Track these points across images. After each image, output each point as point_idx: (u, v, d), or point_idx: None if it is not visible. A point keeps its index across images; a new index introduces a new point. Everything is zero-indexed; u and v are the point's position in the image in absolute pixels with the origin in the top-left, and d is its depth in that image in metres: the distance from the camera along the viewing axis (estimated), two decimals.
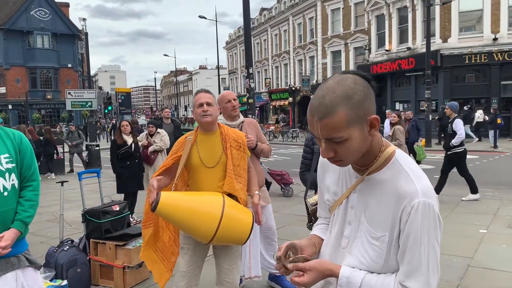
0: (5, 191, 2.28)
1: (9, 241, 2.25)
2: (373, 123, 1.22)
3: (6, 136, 2.40)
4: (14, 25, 37.15)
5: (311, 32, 35.08)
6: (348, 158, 1.25)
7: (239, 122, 3.91)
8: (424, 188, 1.21)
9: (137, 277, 4.38)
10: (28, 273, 2.41)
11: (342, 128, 1.17)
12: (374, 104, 1.23)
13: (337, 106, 1.16)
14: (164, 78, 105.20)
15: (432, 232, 1.20)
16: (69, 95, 19.76)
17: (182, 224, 2.68)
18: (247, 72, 12.24)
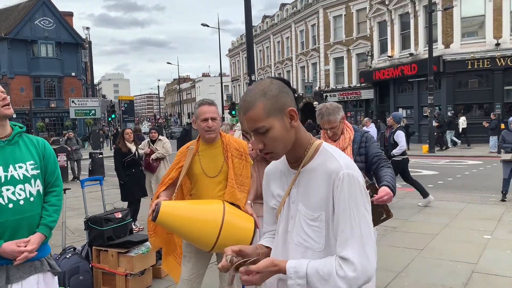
0: (31, 197, 2.39)
1: (35, 245, 2.35)
2: (291, 114, 1.40)
3: (30, 143, 2.50)
4: (18, 35, 37.45)
5: (313, 39, 35.18)
6: (277, 149, 1.41)
7: None
8: (347, 163, 1.38)
9: (139, 284, 4.37)
10: (47, 277, 2.50)
11: (262, 118, 1.37)
12: (292, 100, 1.42)
13: (256, 100, 1.38)
14: (167, 86, 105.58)
15: (360, 200, 1.34)
16: (72, 103, 19.86)
17: (183, 232, 2.69)
18: (249, 79, 12.27)
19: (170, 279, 4.64)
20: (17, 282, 2.34)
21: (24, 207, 2.35)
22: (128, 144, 7.06)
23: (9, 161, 2.36)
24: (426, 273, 4.56)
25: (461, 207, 7.76)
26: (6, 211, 2.29)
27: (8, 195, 2.31)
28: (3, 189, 2.29)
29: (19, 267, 2.35)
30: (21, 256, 2.28)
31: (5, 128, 2.42)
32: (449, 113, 21.04)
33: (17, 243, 2.30)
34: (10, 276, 2.32)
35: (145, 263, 4.42)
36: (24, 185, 2.37)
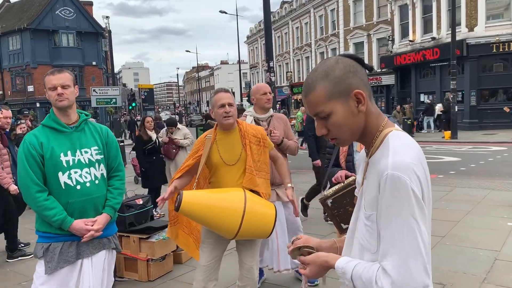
0: (96, 180, 2.60)
1: (101, 225, 2.57)
2: (358, 97, 1.25)
3: (95, 130, 2.70)
4: (40, 25, 38.00)
5: (332, 24, 34.68)
6: (341, 135, 1.29)
7: (268, 115, 3.90)
8: (396, 161, 1.16)
9: (160, 269, 4.45)
10: (111, 255, 2.73)
11: (323, 102, 1.26)
12: (361, 81, 1.26)
13: (317, 82, 1.26)
14: (186, 74, 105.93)
15: (405, 207, 1.13)
16: (94, 92, 20.12)
17: (206, 221, 2.73)
18: (267, 66, 12.21)
19: (190, 264, 4.72)
20: (88, 257, 2.56)
21: (90, 189, 2.55)
22: (149, 132, 7.18)
23: (76, 146, 2.56)
24: (447, 260, 4.51)
25: (484, 193, 7.61)
26: (75, 192, 2.51)
27: (76, 178, 2.52)
28: (71, 172, 2.51)
29: (89, 244, 2.57)
30: (88, 234, 2.50)
31: (71, 116, 2.61)
32: (428, 99, 22.89)
33: (85, 222, 2.52)
34: (81, 252, 2.54)
35: (166, 248, 4.49)
36: (89, 168, 2.57)
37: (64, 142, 2.54)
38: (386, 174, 1.15)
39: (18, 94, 38.24)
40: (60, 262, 2.48)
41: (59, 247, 2.50)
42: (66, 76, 2.61)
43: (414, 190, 1.13)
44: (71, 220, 2.49)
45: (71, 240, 2.53)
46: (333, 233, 5.37)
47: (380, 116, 1.31)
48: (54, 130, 2.56)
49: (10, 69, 39.06)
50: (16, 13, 41.04)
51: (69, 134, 2.57)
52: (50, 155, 2.48)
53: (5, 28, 39.81)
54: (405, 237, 1.13)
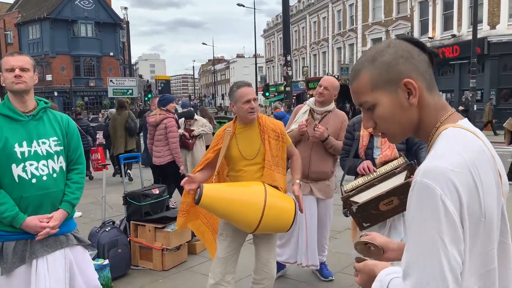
0: (54, 173, 2.41)
1: (58, 221, 2.39)
2: (407, 88, 1.08)
3: (54, 119, 2.50)
4: (59, 15, 38.45)
5: (351, 19, 34.32)
6: (389, 130, 1.14)
7: (324, 110, 3.83)
8: (430, 166, 0.97)
9: (175, 259, 4.48)
10: (77, 251, 2.54)
11: (366, 92, 1.12)
12: (416, 69, 1.09)
13: (362, 69, 1.12)
14: (202, 67, 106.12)
15: (431, 222, 0.94)
16: (111, 82, 20.33)
17: (226, 215, 2.73)
18: (284, 60, 12.14)
19: (204, 255, 4.74)
20: (42, 256, 2.36)
21: (47, 183, 2.37)
22: None
23: (32, 136, 2.37)
24: None
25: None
26: (30, 186, 2.32)
27: (31, 170, 2.32)
28: (26, 164, 2.31)
29: (43, 242, 2.37)
30: (43, 232, 2.32)
31: (27, 103, 2.41)
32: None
33: (40, 219, 2.34)
34: (34, 251, 2.35)
35: (181, 238, 4.51)
36: (47, 161, 2.38)
37: (19, 132, 2.34)
38: (415, 181, 0.99)
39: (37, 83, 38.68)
40: (15, 262, 2.31)
41: (12, 246, 2.32)
42: (26, 59, 2.41)
43: (446, 203, 0.93)
44: (23, 217, 2.30)
45: (25, 238, 2.35)
46: (348, 229, 5.33)
47: (442, 109, 1.12)
48: (9, 118, 2.35)
49: None
50: (36, 3, 41.54)
51: (25, 123, 2.37)
52: (3, 146, 2.28)
53: (25, 17, 40.37)
54: (427, 257, 0.95)
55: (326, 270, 4.09)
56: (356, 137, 3.27)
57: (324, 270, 4.09)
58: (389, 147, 3.08)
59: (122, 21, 37.72)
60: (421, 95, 1.09)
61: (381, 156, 3.08)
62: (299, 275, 4.17)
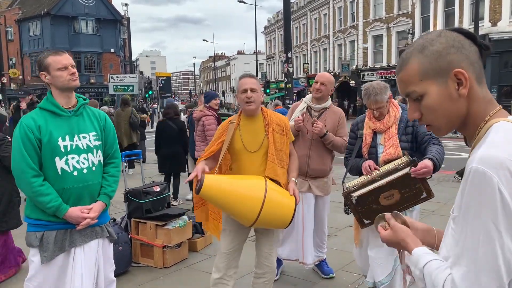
0: (93, 166, 2.55)
1: (97, 212, 2.53)
2: (458, 78, 1.05)
3: (93, 115, 2.64)
4: (60, 11, 38.35)
5: (352, 16, 34.23)
6: (435, 121, 1.11)
7: (322, 107, 3.82)
8: (487, 154, 0.95)
9: (176, 256, 4.48)
10: (105, 243, 2.67)
11: (415, 81, 1.10)
12: (466, 59, 1.06)
13: (410, 57, 1.10)
14: (202, 64, 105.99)
15: (486, 210, 0.92)
16: (111, 79, 20.34)
17: (225, 206, 2.73)
18: (285, 57, 12.12)
19: (205, 253, 4.75)
20: (80, 246, 2.50)
21: (87, 176, 2.50)
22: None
23: (74, 131, 2.49)
24: None
25: None
26: (71, 178, 2.45)
27: (73, 163, 2.46)
28: (69, 157, 2.44)
29: (82, 232, 2.51)
30: (84, 222, 2.45)
31: (71, 99, 2.55)
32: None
33: (81, 210, 2.47)
34: (74, 240, 2.49)
35: (182, 236, 4.52)
36: (87, 154, 2.51)
37: (62, 126, 2.46)
38: (470, 167, 0.96)
39: (38, 79, 38.68)
40: (55, 251, 2.43)
41: (53, 235, 2.44)
42: (71, 57, 2.58)
43: (503, 191, 0.91)
44: (66, 207, 2.42)
45: (65, 228, 2.47)
46: (349, 226, 5.34)
47: (490, 103, 1.10)
48: (52, 114, 2.47)
49: (30, 55, 39.59)
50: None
51: (67, 118, 2.49)
52: (48, 139, 2.40)
53: (26, 13, 40.31)
54: (480, 247, 0.93)
55: (326, 267, 4.10)
56: (359, 135, 3.26)
57: (324, 267, 4.10)
58: (392, 145, 3.06)
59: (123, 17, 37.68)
60: (471, 86, 1.06)
61: (385, 154, 3.07)
62: (299, 273, 4.18)
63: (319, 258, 4.08)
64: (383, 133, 3.12)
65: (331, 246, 4.75)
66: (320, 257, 4.08)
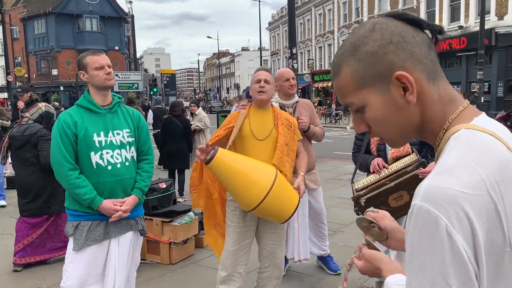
0: (126, 161, 2.66)
1: (129, 206, 2.64)
2: (402, 82, 0.84)
3: (127, 113, 2.77)
4: (64, 9, 38.48)
5: (356, 11, 34.07)
6: (386, 135, 0.93)
7: (293, 101, 3.87)
8: (433, 186, 0.75)
9: (182, 253, 4.50)
10: (137, 236, 2.78)
11: (350, 91, 0.90)
12: (411, 57, 0.85)
13: (342, 63, 0.90)
14: (207, 61, 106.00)
15: (430, 261, 0.73)
16: (116, 77, 20.34)
17: (230, 184, 2.70)
18: (290, 53, 12.09)
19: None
20: (115, 237, 2.63)
21: (120, 170, 2.61)
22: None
23: (109, 127, 2.62)
24: None
25: None
26: (105, 172, 2.57)
27: (107, 158, 2.58)
28: (103, 152, 2.56)
29: (117, 224, 2.63)
30: (116, 214, 2.56)
31: (107, 98, 2.68)
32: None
33: (114, 202, 2.58)
34: (109, 231, 2.60)
35: (188, 232, 4.53)
36: (121, 150, 2.63)
37: (97, 123, 2.59)
38: (414, 205, 0.77)
39: (43, 78, 38.90)
40: (87, 240, 2.54)
41: (88, 225, 2.57)
42: (107, 57, 2.73)
43: (453, 236, 0.71)
44: (100, 200, 2.54)
45: (100, 219, 2.59)
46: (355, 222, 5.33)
47: (450, 104, 0.88)
48: (89, 111, 2.61)
49: (35, 53, 39.75)
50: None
51: (102, 115, 2.62)
52: (83, 135, 2.53)
53: (31, 12, 40.45)
54: None
55: (333, 263, 4.09)
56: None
57: (331, 263, 4.09)
58: None
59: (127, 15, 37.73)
60: (420, 88, 0.86)
61: (393, 151, 3.05)
62: (305, 269, 4.18)
63: (322, 253, 4.07)
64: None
65: (337, 242, 4.75)
66: (324, 251, 4.06)
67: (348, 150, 3.64)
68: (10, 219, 6.04)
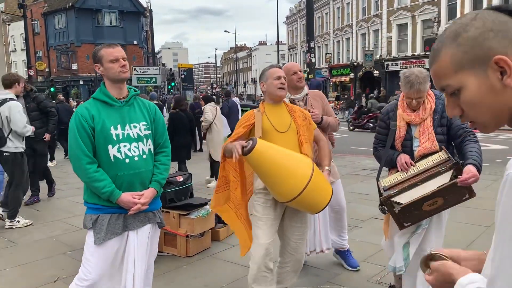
0: (144, 154, 2.65)
1: (148, 199, 2.63)
2: (500, 66, 0.88)
3: (143, 106, 2.75)
4: (84, 4, 38.96)
5: (375, 4, 33.60)
6: (478, 117, 0.95)
7: (303, 94, 3.80)
8: None
9: (199, 245, 4.52)
10: (155, 228, 2.78)
11: (449, 74, 0.94)
12: (510, 43, 0.89)
13: (442, 47, 0.95)
14: (224, 55, 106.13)
15: None
16: (134, 71, 20.54)
17: (269, 175, 2.67)
18: (308, 46, 12.00)
19: (228, 242, 4.77)
20: (134, 230, 2.63)
21: (138, 163, 2.60)
22: None
23: (125, 120, 2.60)
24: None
25: None
26: (123, 165, 2.56)
27: (125, 151, 2.57)
28: (120, 145, 2.56)
29: (135, 217, 2.63)
30: (135, 207, 2.56)
31: (123, 91, 2.67)
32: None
33: (133, 195, 2.58)
34: (127, 224, 2.61)
35: (205, 225, 4.55)
36: (138, 143, 2.62)
37: (114, 116, 2.58)
38: (507, 173, 0.83)
39: (63, 72, 39.51)
40: (108, 233, 2.55)
41: (107, 218, 2.56)
42: (123, 50, 2.69)
43: None
44: (119, 193, 2.53)
45: (119, 212, 2.59)
46: (373, 218, 5.28)
47: None
48: (105, 104, 2.60)
49: (56, 47, 40.36)
50: None
51: (119, 108, 2.61)
52: (101, 128, 2.52)
53: (51, 7, 41.05)
54: None
55: (352, 259, 4.03)
56: (391, 126, 3.08)
57: (350, 259, 4.02)
58: (428, 139, 2.90)
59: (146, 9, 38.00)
60: None
61: (420, 148, 2.93)
62: (322, 263, 4.15)
63: (342, 245, 4.04)
64: (417, 125, 2.97)
65: (354, 237, 4.70)
66: (343, 245, 4.03)
67: (366, 145, 3.58)
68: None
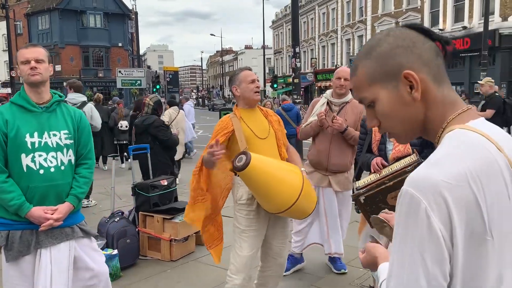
0: (62, 165, 2.43)
1: (62, 214, 2.40)
2: (408, 80, 0.96)
3: (67, 113, 2.53)
4: (68, 5, 38.47)
5: (360, 11, 34.00)
6: (392, 129, 1.03)
7: (342, 101, 3.79)
8: (419, 175, 0.88)
9: (183, 250, 4.52)
10: (83, 243, 2.56)
11: (364, 86, 1.02)
12: (418, 59, 0.97)
13: (359, 62, 1.03)
14: (210, 58, 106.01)
15: (410, 236, 0.86)
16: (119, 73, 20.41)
17: (262, 188, 2.63)
18: (293, 51, 12.08)
19: None
20: (46, 247, 2.37)
21: (54, 175, 2.38)
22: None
23: (44, 127, 2.39)
24: None
25: None
26: (37, 176, 2.34)
27: (40, 161, 2.34)
28: (35, 154, 2.33)
29: (48, 233, 2.38)
30: (46, 223, 2.33)
31: (42, 95, 2.43)
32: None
33: (45, 210, 2.35)
34: (39, 241, 2.36)
35: (189, 229, 4.55)
36: (56, 153, 2.40)
37: (31, 122, 2.36)
38: (402, 189, 0.90)
39: None
40: (20, 251, 2.33)
41: (18, 235, 2.34)
42: (40, 50, 2.44)
43: (431, 218, 0.83)
44: (29, 207, 2.31)
45: (30, 228, 2.36)
46: (356, 221, 5.34)
47: (451, 106, 0.99)
48: (22, 108, 2.38)
49: None
50: None
51: (38, 114, 2.39)
52: (14, 135, 2.31)
53: (35, 7, 40.48)
54: (405, 273, 0.87)
55: (340, 262, 4.09)
56: (369, 131, 3.22)
57: (338, 262, 4.08)
58: None
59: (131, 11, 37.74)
60: (425, 88, 0.97)
61: (394, 151, 3.04)
62: (305, 267, 4.19)
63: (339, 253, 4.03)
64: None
65: None
66: (340, 253, 4.03)
67: None
68: None
